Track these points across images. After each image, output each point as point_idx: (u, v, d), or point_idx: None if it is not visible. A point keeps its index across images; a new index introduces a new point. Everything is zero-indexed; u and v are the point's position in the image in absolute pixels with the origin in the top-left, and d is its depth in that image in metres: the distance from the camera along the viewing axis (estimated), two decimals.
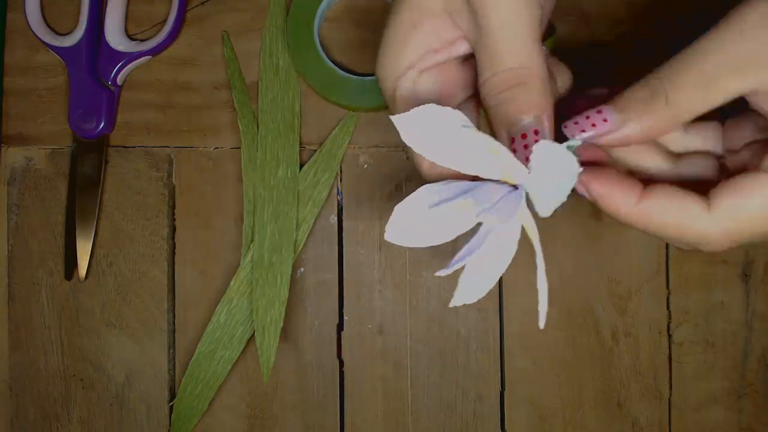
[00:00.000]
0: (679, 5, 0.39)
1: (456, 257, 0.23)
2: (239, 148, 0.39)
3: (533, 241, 0.24)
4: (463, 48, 0.25)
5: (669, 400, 0.39)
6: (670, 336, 0.39)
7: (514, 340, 0.39)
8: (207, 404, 0.39)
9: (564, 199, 0.23)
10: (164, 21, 0.40)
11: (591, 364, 0.39)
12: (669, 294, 0.39)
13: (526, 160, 0.23)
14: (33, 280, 0.40)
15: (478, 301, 0.39)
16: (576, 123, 0.23)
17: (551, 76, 0.26)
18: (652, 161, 0.27)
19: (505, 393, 0.39)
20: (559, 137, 0.24)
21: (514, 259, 0.39)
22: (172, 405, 0.39)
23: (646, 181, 0.25)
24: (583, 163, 0.23)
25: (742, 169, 0.23)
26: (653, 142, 0.27)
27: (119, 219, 0.40)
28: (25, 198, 0.40)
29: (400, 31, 0.25)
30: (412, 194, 0.23)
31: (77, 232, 0.39)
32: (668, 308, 0.39)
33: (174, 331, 0.40)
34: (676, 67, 0.22)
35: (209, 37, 0.40)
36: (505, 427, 0.39)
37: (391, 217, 0.23)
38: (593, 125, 0.23)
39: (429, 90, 0.26)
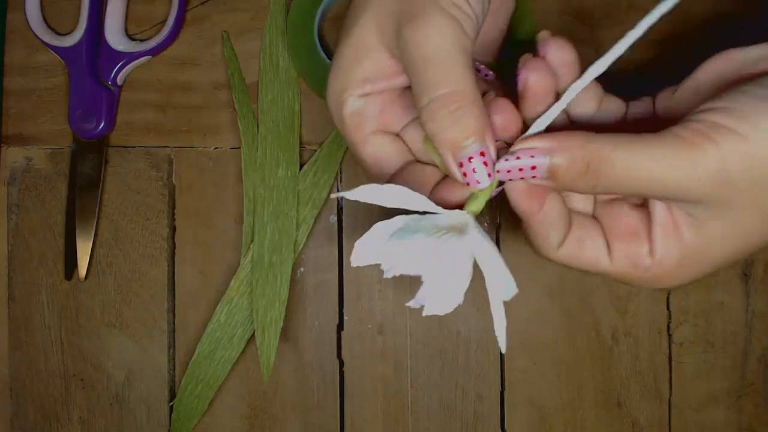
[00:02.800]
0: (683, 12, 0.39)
1: (419, 295, 0.24)
2: (239, 148, 0.39)
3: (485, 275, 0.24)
4: (402, 80, 0.27)
5: (669, 400, 0.39)
6: (670, 336, 0.39)
7: (514, 340, 0.39)
8: (207, 404, 0.39)
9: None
10: (164, 21, 0.40)
11: (591, 364, 0.39)
12: (669, 294, 0.39)
13: (477, 182, 0.24)
14: (33, 280, 0.40)
15: (478, 301, 0.39)
16: (509, 171, 0.24)
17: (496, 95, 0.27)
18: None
19: (505, 393, 0.39)
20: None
21: (515, 261, 0.39)
22: (172, 405, 0.39)
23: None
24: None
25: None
26: None
27: (119, 219, 0.40)
28: (25, 198, 0.40)
29: (345, 65, 0.27)
30: (368, 231, 0.24)
31: (77, 232, 0.39)
32: (668, 308, 0.39)
33: (174, 331, 0.40)
34: (622, 162, 0.23)
35: (209, 37, 0.40)
36: (505, 427, 0.39)
37: (353, 251, 0.25)
38: (521, 175, 0.24)
39: (371, 114, 0.27)
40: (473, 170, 0.24)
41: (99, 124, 0.39)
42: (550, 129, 0.25)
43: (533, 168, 0.24)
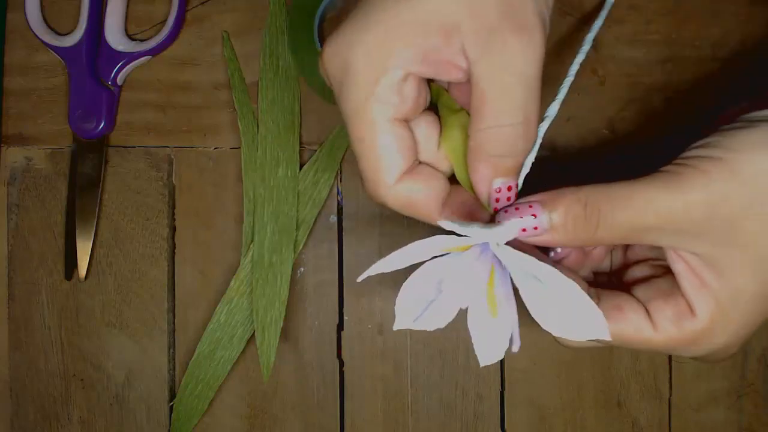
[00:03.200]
0: (681, 12, 0.39)
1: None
2: (239, 148, 0.39)
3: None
4: (454, 75, 0.24)
5: (669, 400, 0.39)
6: None
7: None
8: (207, 404, 0.39)
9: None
10: (164, 21, 0.40)
11: (591, 364, 0.39)
12: None
13: (505, 212, 0.24)
14: (33, 280, 0.40)
15: None
16: (523, 232, 0.24)
17: None
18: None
19: (505, 393, 0.39)
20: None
21: None
22: (172, 405, 0.39)
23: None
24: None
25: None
26: None
27: (119, 219, 0.40)
28: (25, 198, 0.40)
29: (405, 25, 0.22)
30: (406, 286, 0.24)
31: (77, 232, 0.39)
32: None
33: (174, 331, 0.40)
34: (617, 201, 0.23)
35: (209, 37, 0.40)
36: (505, 427, 0.39)
37: (397, 316, 0.25)
38: (523, 230, 0.24)
39: (409, 98, 0.24)
40: (507, 198, 0.24)
41: (99, 124, 0.39)
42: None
43: (534, 216, 0.24)
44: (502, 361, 0.39)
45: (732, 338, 0.24)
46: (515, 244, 0.24)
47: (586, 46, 0.28)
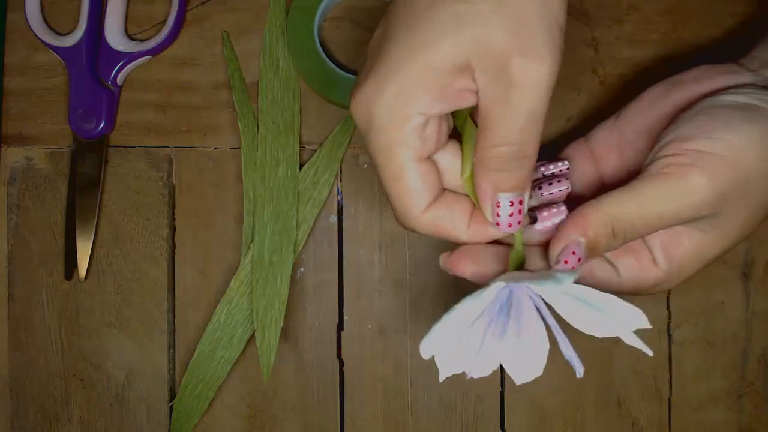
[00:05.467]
0: (681, 12, 0.39)
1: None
2: (239, 148, 0.39)
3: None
4: (469, 101, 0.25)
5: (669, 400, 0.39)
6: (670, 336, 0.39)
7: None
8: (207, 404, 0.39)
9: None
10: (164, 21, 0.40)
11: (591, 364, 0.39)
12: (669, 294, 0.39)
13: (508, 226, 0.26)
14: (33, 280, 0.40)
15: None
16: (566, 262, 0.26)
17: None
18: None
19: (505, 393, 0.39)
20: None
21: None
22: (172, 405, 0.39)
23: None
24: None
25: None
26: None
27: (119, 219, 0.40)
28: (25, 198, 0.40)
29: (421, 73, 0.24)
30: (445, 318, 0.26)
31: (77, 232, 0.39)
32: (668, 308, 0.39)
33: (174, 331, 0.40)
34: (637, 219, 0.26)
35: (209, 37, 0.40)
36: (505, 427, 0.39)
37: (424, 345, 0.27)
38: (569, 266, 0.26)
39: (431, 138, 0.25)
40: (510, 215, 0.26)
41: (99, 124, 0.39)
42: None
43: (573, 253, 0.26)
44: None
45: (681, 281, 0.29)
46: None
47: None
